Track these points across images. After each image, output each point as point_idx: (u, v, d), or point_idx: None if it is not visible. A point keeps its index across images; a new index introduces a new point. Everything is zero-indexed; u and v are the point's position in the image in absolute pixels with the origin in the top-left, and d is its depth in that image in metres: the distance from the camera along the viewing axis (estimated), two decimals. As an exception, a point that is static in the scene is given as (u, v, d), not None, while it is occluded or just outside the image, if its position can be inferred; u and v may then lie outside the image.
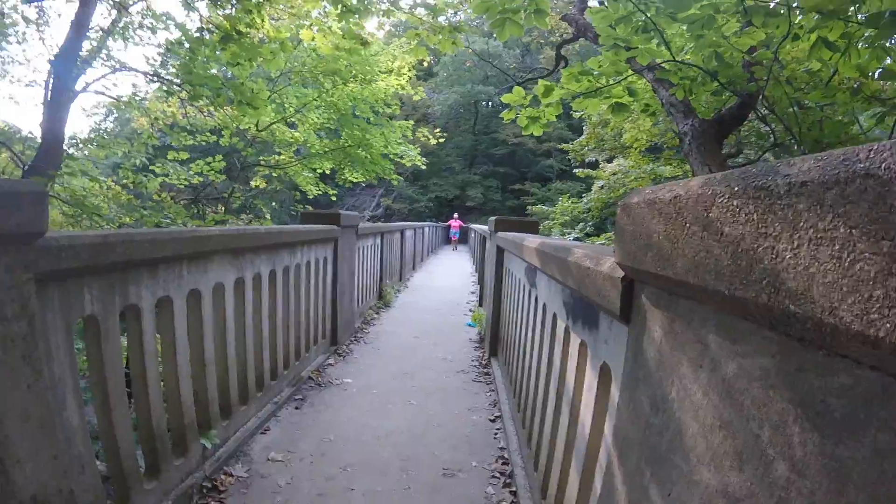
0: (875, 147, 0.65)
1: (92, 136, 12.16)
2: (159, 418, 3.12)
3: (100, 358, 2.61)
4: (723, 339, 1.02)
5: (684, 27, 5.20)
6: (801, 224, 0.74)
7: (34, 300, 2.03)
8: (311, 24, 9.50)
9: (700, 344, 1.10)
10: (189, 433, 3.45)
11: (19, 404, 1.96)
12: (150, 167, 11.60)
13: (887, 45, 4.79)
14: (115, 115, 24.04)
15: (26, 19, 11.02)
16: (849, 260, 0.66)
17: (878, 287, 0.62)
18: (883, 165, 0.62)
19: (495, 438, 4.50)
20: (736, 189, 0.90)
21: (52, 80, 8.65)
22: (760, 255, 0.83)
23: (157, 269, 3.04)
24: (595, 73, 5.88)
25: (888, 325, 0.60)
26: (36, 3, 10.00)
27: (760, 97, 6.50)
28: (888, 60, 4.96)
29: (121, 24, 10.60)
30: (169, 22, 10.67)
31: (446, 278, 15.82)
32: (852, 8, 4.44)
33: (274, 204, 20.90)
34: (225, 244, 3.76)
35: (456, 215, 32.45)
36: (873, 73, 5.30)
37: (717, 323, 1.04)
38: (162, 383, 3.30)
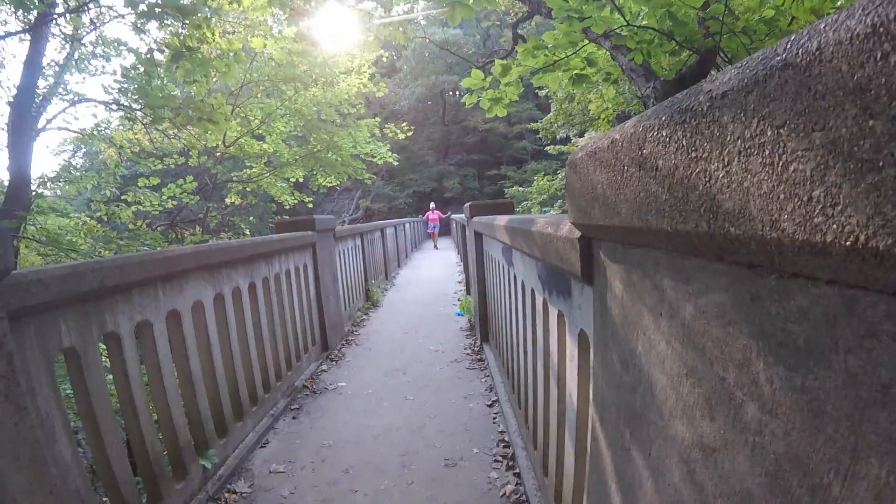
0: (793, 37, 0.59)
1: (60, 173, 11.97)
2: (153, 443, 3.09)
3: (85, 389, 2.59)
4: (676, 281, 0.96)
5: (634, -10, 5.16)
6: (728, 137, 0.68)
7: (9, 338, 2.01)
8: (261, 34, 9.38)
9: (657, 291, 1.04)
10: (187, 455, 3.41)
11: (7, 443, 1.95)
12: (122, 197, 11.47)
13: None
14: (84, 149, 23.74)
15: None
16: (781, 163, 0.60)
17: (817, 185, 0.56)
18: (800, 52, 0.56)
19: (494, 423, 4.45)
20: (663, 118, 0.84)
21: (11, 122, 8.51)
22: (694, 182, 0.77)
23: (132, 293, 3.00)
24: (550, 46, 5.82)
25: (835, 227, 0.54)
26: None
27: (718, 51, 6.47)
28: (841, 1, 4.93)
29: (75, 56, 10.44)
30: (121, 48, 10.52)
31: (432, 271, 15.76)
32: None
33: (252, 218, 20.76)
34: (198, 261, 3.72)
35: (433, 206, 27.05)
36: (828, 14, 5.25)
37: (668, 265, 0.98)
38: (152, 408, 3.27)
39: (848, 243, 0.53)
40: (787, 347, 0.68)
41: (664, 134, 0.84)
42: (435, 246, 25.48)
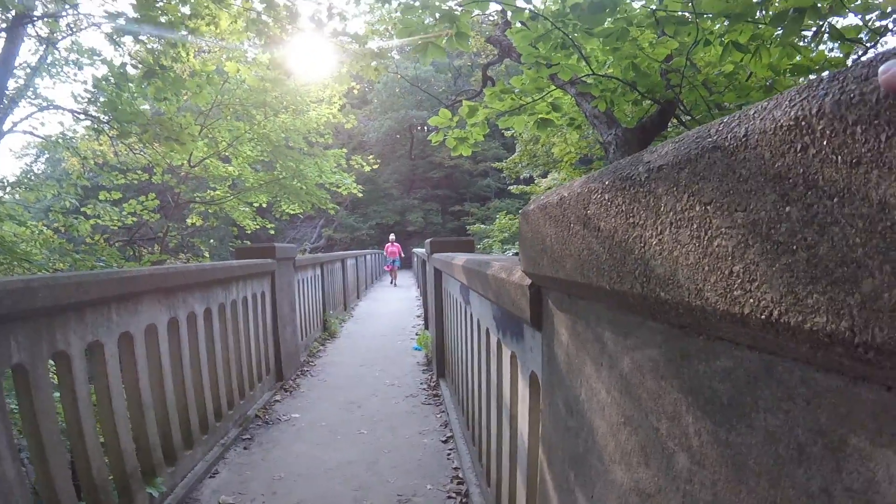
0: (725, 119, 0.64)
1: (21, 178, 11.68)
2: (100, 468, 3.02)
3: (31, 408, 2.53)
4: (616, 334, 1.02)
5: (601, 41, 5.34)
6: (662, 208, 0.74)
7: None
8: (235, 58, 9.40)
9: (598, 342, 1.10)
10: (133, 482, 3.33)
11: None
12: (82, 209, 11.22)
13: (798, 42, 4.99)
14: (47, 155, 23.25)
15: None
16: (707, 238, 0.66)
17: (737, 262, 0.61)
18: (729, 136, 0.62)
19: (448, 459, 4.45)
20: (606, 182, 0.91)
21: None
22: (631, 246, 0.83)
23: (85, 313, 2.97)
24: (517, 91, 5.98)
25: (752, 301, 0.59)
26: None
27: (678, 102, 6.71)
28: (798, 58, 5.17)
29: (48, 61, 10.29)
30: (95, 58, 10.41)
31: (391, 304, 15.72)
32: (760, 11, 4.63)
33: (212, 241, 20.47)
34: (155, 284, 3.68)
35: (392, 237, 24.09)
36: (785, 71, 5.49)
37: (609, 319, 1.04)
38: (100, 431, 3.21)
39: (763, 316, 0.58)
40: (714, 404, 0.73)
41: (606, 198, 0.90)
42: (393, 282, 22.80)
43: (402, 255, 24.32)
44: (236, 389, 5.31)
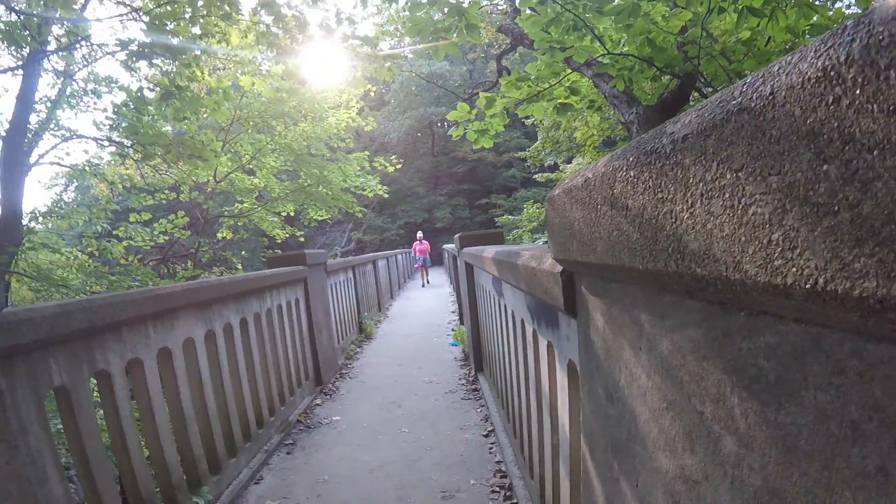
0: (748, 79, 0.61)
1: (52, 207, 11.96)
2: (146, 482, 3.07)
3: (76, 428, 2.58)
4: (653, 316, 0.98)
5: (613, 19, 5.26)
6: (691, 180, 0.70)
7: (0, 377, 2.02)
8: (249, 72, 9.49)
9: (635, 325, 1.06)
10: (180, 493, 3.39)
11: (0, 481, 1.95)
12: (113, 232, 11.45)
13: (813, 1, 4.85)
14: (75, 184, 23.75)
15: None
16: (741, 206, 0.62)
17: (776, 229, 0.57)
18: (755, 95, 0.58)
19: (490, 453, 4.42)
20: (631, 159, 0.87)
21: (4, 156, 8.53)
22: (662, 222, 0.79)
23: (122, 332, 3.01)
24: (533, 77, 5.91)
25: (794, 270, 0.55)
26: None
27: (698, 75, 6.57)
28: (816, 17, 5.03)
29: (67, 92, 10.49)
30: (113, 85, 10.60)
31: (425, 301, 15.74)
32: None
33: (244, 252, 20.72)
34: (189, 299, 3.72)
35: (420, 235, 22.50)
36: (804, 32, 5.36)
37: (645, 301, 1.00)
38: (144, 445, 3.26)
39: (807, 286, 0.54)
40: (760, 383, 0.69)
41: (632, 174, 0.86)
42: (424, 283, 21.29)
43: (431, 252, 22.37)
44: (277, 396, 5.35)
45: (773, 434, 0.68)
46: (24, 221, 9.29)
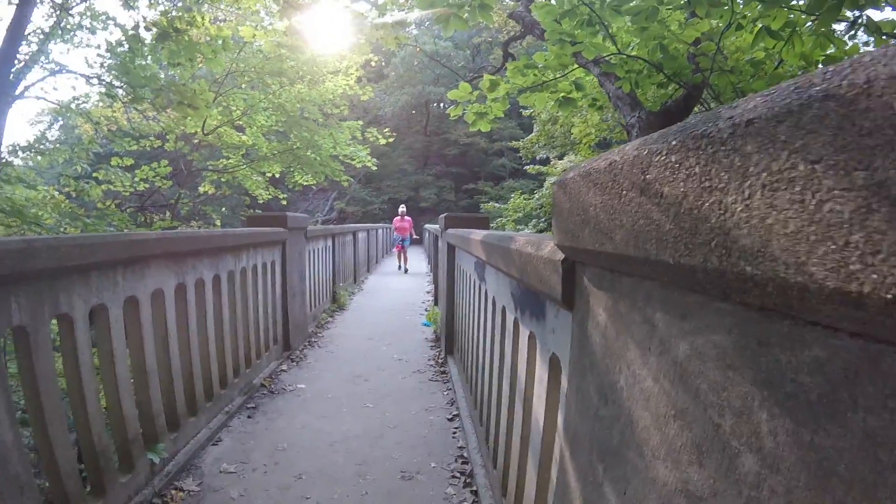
0: (832, 68, 0.53)
1: (33, 143, 11.64)
2: (100, 433, 2.97)
3: (31, 371, 2.47)
4: (671, 316, 0.90)
5: (629, 20, 5.18)
6: (752, 169, 0.62)
7: None
8: (254, 24, 9.26)
9: (647, 324, 0.99)
10: (135, 448, 3.29)
11: None
12: (93, 174, 11.18)
13: (831, 32, 4.82)
14: (61, 122, 23.21)
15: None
16: (814, 202, 0.54)
17: (856, 230, 0.50)
18: (844, 83, 0.51)
19: (454, 437, 4.39)
20: (674, 143, 0.78)
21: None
22: (706, 213, 0.71)
23: (90, 275, 2.89)
24: (541, 66, 5.82)
25: (875, 277, 0.48)
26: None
27: (706, 87, 6.53)
28: (832, 49, 5.00)
29: (62, 25, 10.17)
30: (108, 21, 10.29)
31: (401, 279, 15.67)
32: (795, -2, 4.48)
33: (224, 209, 20.43)
34: (163, 248, 3.62)
35: (403, 210, 18.24)
36: (817, 62, 5.33)
37: (663, 298, 0.93)
38: (102, 395, 3.16)
39: (889, 296, 0.47)
40: (797, 400, 0.62)
41: (673, 160, 0.78)
42: (402, 267, 17.77)
43: (414, 232, 18.94)
44: (242, 357, 5.26)
45: (805, 456, 0.61)
46: (4, 155, 9.04)
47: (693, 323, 0.84)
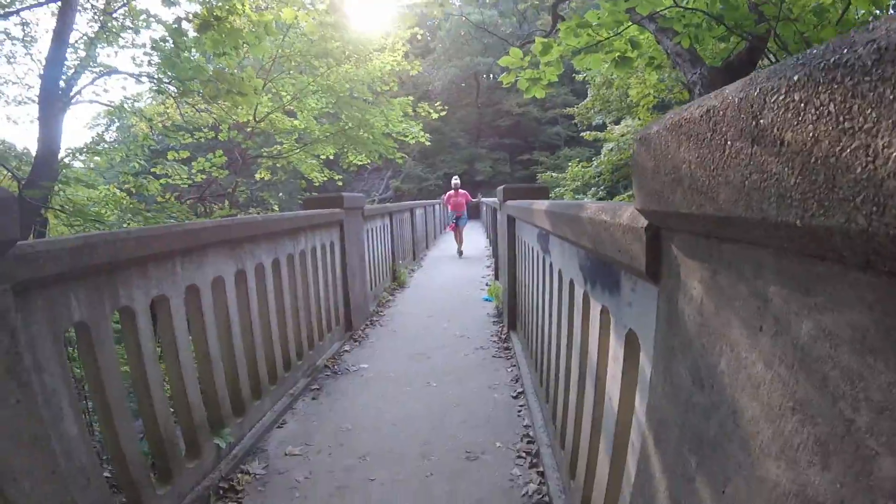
0: None
1: (89, 145, 12.00)
2: (166, 421, 2.99)
3: (95, 365, 2.48)
4: (789, 290, 0.75)
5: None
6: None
7: (13, 312, 1.91)
8: (296, 6, 9.22)
9: (756, 299, 0.84)
10: (201, 434, 3.32)
11: (9, 420, 1.86)
12: (151, 170, 11.45)
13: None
14: (117, 123, 23.99)
15: (12, 38, 10.79)
16: None
17: None
18: None
19: (519, 416, 4.28)
20: (796, 79, 0.63)
21: (41, 93, 8.49)
22: (848, 161, 0.56)
23: (147, 267, 2.88)
24: (595, 24, 5.57)
25: None
26: (15, 17, 9.76)
27: (772, 37, 6.15)
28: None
29: (106, 28, 10.38)
30: (151, 19, 10.43)
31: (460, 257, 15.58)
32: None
33: (281, 195, 20.75)
34: (220, 236, 3.60)
35: (457, 182, 15.08)
36: (887, 6, 4.98)
37: (778, 269, 0.78)
38: (167, 385, 3.18)
39: None
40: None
41: (797, 98, 0.63)
42: (459, 250, 15.05)
43: (471, 202, 15.72)
44: (305, 340, 5.27)
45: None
46: (64, 158, 9.30)
47: (820, 298, 0.69)
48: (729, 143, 0.79)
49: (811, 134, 0.61)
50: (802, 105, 0.62)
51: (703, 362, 1.03)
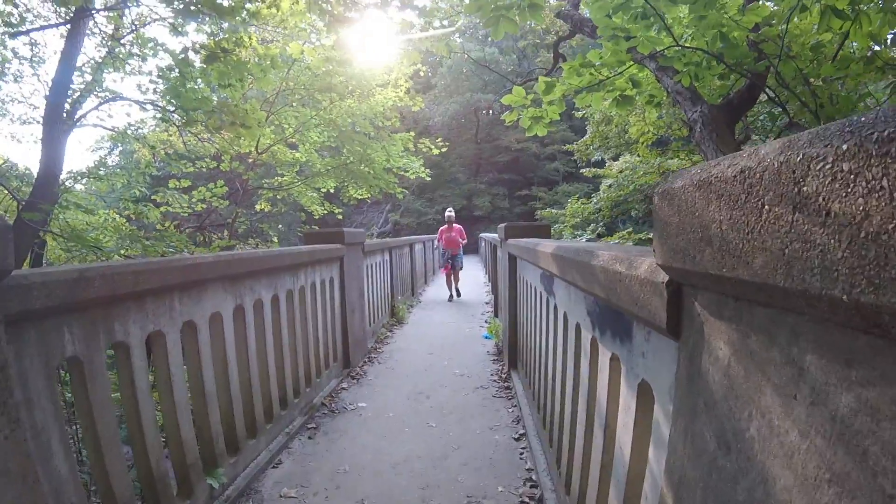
0: None
1: (91, 169, 12.02)
2: (158, 459, 2.92)
3: (87, 400, 2.43)
4: (829, 360, 0.73)
5: (683, 12, 4.97)
6: None
7: (5, 345, 1.86)
8: (301, 41, 9.33)
9: (791, 367, 0.81)
10: (193, 473, 3.24)
11: None
12: (152, 197, 11.46)
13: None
14: (120, 148, 24.11)
15: (20, 57, 10.89)
16: None
17: None
18: None
19: (521, 458, 4.21)
20: (845, 148, 0.62)
21: (45, 115, 8.53)
22: (904, 238, 0.54)
23: (145, 302, 2.84)
24: (597, 64, 5.62)
25: None
26: (24, 36, 9.85)
27: (772, 74, 6.22)
28: (903, 26, 4.71)
29: (114, 53, 10.48)
30: (158, 48, 10.54)
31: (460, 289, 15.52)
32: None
33: (280, 227, 20.76)
34: (219, 271, 3.55)
35: (451, 215, 13.43)
36: (886, 40, 5.06)
37: (816, 338, 0.75)
38: (160, 422, 3.12)
39: None
40: None
41: (846, 168, 0.61)
42: (453, 293, 13.59)
43: (465, 241, 13.61)
44: (303, 377, 5.20)
45: None
46: (63, 179, 9.30)
47: (863, 371, 0.67)
48: (767, 207, 0.78)
49: (861, 207, 0.59)
50: (852, 177, 0.61)
51: (730, 425, 1.00)
